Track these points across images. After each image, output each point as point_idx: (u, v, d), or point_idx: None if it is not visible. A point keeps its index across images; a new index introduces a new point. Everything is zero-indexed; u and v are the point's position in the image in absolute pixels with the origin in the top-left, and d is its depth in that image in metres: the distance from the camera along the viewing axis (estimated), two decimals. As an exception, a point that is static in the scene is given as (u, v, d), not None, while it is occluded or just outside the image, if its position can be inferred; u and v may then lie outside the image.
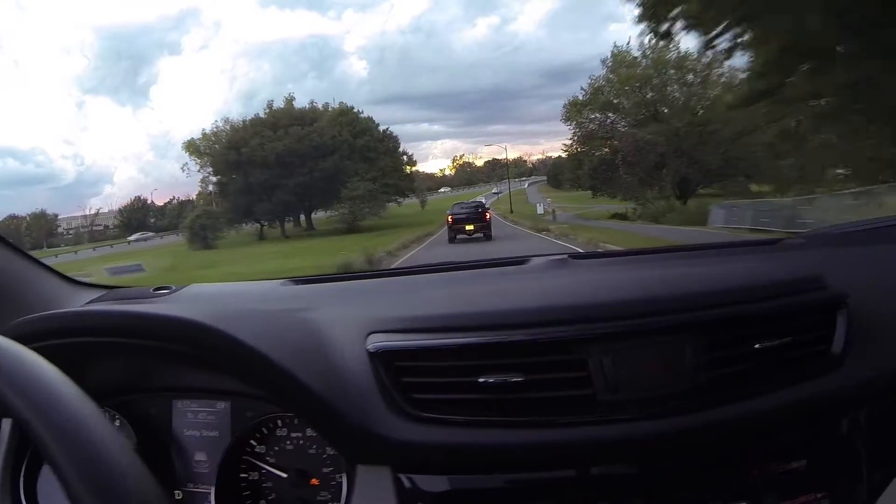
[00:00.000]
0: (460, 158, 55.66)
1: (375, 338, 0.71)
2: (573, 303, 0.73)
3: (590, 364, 0.67)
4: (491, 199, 31.30)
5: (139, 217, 27.14)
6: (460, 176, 53.16)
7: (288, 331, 0.74)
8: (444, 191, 43.16)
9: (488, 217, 15.73)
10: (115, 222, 27.23)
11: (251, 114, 24.96)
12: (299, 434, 0.78)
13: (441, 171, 55.23)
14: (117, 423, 0.81)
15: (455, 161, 55.84)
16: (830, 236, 1.08)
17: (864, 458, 0.72)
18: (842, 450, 0.73)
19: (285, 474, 0.76)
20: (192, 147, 25.03)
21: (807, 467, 0.70)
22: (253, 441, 0.78)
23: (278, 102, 25.60)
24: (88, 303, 0.99)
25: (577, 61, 47.60)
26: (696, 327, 0.69)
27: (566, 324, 0.69)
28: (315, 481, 0.76)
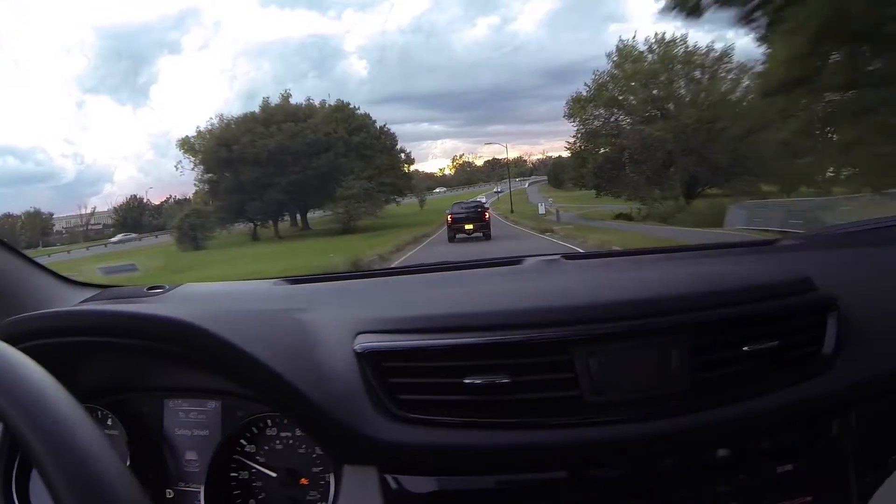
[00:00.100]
0: (460, 158, 54.58)
1: (363, 338, 0.72)
2: (561, 304, 0.73)
3: (576, 366, 0.67)
4: (492, 198, 30.96)
5: (135, 216, 26.13)
6: (460, 176, 52.24)
7: (277, 331, 0.74)
8: (439, 191, 42.28)
9: (487, 217, 15.61)
10: (111, 221, 26.19)
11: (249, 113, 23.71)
12: (289, 434, 0.78)
13: (440, 170, 54.28)
14: (109, 422, 0.81)
15: (455, 161, 54.77)
16: (827, 237, 1.08)
17: (854, 460, 0.73)
18: (832, 452, 0.73)
19: (275, 473, 0.77)
20: (186, 145, 23.91)
21: (797, 469, 0.70)
22: (243, 440, 0.79)
23: (275, 100, 24.54)
24: (81, 302, 0.99)
25: (577, 61, 46.80)
26: (683, 329, 0.70)
27: (554, 325, 0.69)
28: (304, 481, 0.77)
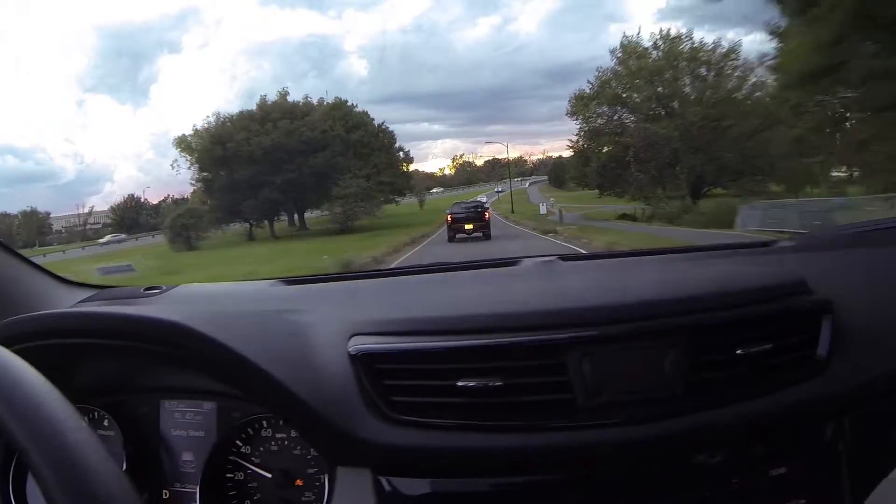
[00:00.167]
0: (460, 158, 53.89)
1: (357, 340, 0.72)
2: (555, 307, 0.73)
3: (569, 369, 0.67)
4: (493, 197, 30.77)
5: (132, 216, 25.44)
6: (460, 176, 51.65)
7: (271, 333, 0.75)
8: (436, 191, 41.62)
9: (487, 216, 15.48)
10: (109, 221, 25.49)
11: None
12: (284, 435, 0.78)
13: (441, 170, 53.61)
14: (106, 423, 0.82)
15: (455, 160, 54.06)
16: (823, 239, 1.08)
17: (848, 462, 0.73)
18: (826, 455, 0.73)
19: (270, 475, 0.77)
20: (182, 143, 23.28)
21: (791, 472, 0.70)
22: (239, 441, 0.80)
23: (273, 98, 23.86)
24: (78, 303, 1.00)
25: (577, 61, 46.21)
26: (677, 332, 0.69)
27: (547, 328, 0.69)
28: (299, 482, 0.77)
